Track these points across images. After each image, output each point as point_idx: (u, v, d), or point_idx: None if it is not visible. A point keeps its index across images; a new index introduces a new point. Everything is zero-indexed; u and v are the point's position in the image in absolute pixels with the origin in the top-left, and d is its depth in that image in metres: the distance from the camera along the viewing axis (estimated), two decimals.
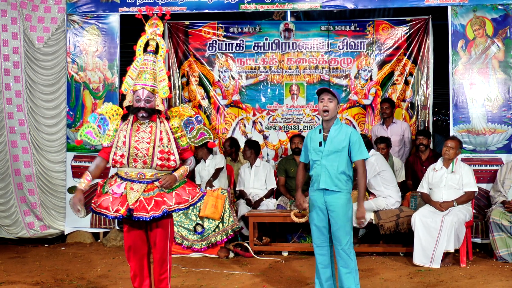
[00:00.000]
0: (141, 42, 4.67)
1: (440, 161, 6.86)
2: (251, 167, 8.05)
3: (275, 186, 8.02)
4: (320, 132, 4.93)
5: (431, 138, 7.97)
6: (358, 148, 4.85)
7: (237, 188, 8.16)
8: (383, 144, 7.59)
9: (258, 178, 8.02)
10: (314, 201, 4.93)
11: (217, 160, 8.12)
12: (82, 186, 4.52)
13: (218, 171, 8.00)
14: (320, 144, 4.88)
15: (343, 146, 4.83)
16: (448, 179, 6.71)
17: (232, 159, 8.58)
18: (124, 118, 4.59)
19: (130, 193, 4.45)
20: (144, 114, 4.47)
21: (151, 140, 4.47)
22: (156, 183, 4.51)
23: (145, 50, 4.66)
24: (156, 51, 4.67)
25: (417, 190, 7.03)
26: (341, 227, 4.81)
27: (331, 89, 4.91)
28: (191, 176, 8.32)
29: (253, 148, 8.09)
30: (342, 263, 4.84)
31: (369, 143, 7.25)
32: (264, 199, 7.84)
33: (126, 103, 4.59)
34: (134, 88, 4.51)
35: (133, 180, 4.49)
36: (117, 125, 4.57)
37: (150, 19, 4.69)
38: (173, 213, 4.67)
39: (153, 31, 4.67)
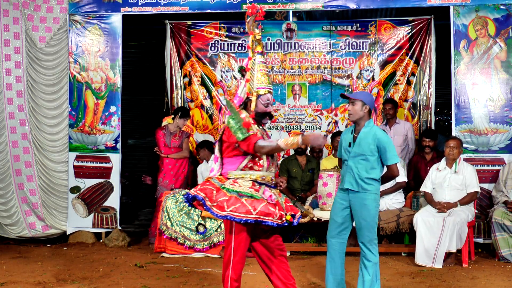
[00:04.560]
0: (250, 43, 4.53)
1: (443, 161, 6.86)
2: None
3: None
4: (351, 133, 4.99)
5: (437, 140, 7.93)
6: (387, 153, 4.86)
7: None
8: None
9: None
10: (339, 198, 5.02)
11: None
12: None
13: None
14: (349, 145, 4.94)
15: (370, 149, 4.85)
16: (451, 180, 6.72)
17: None
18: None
19: (278, 198, 4.36)
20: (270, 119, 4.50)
21: None
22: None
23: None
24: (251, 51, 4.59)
25: (420, 189, 7.03)
26: (364, 227, 4.90)
27: (352, 94, 4.97)
28: (193, 176, 8.34)
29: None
30: (364, 259, 4.93)
31: None
32: None
33: (253, 107, 4.41)
34: (261, 91, 4.40)
35: (267, 185, 4.41)
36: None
37: (251, 19, 4.54)
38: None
39: (259, 31, 4.55)
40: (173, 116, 8.08)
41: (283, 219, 4.23)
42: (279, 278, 4.53)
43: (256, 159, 4.34)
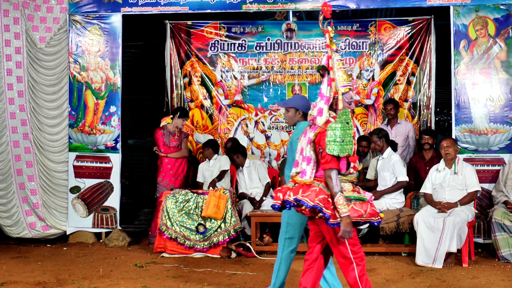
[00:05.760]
0: (328, 41, 4.43)
1: (442, 162, 6.87)
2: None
3: (269, 180, 8.05)
4: None
5: (436, 138, 7.94)
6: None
7: (239, 191, 8.17)
8: (365, 142, 7.91)
9: (252, 178, 8.07)
10: None
11: (222, 162, 8.12)
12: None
13: (223, 173, 8.03)
14: None
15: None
16: (451, 180, 6.72)
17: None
18: None
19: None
20: None
21: None
22: None
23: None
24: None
25: (421, 191, 7.03)
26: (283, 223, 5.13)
27: (285, 102, 5.17)
28: (193, 175, 8.35)
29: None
30: None
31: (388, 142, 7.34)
32: (264, 198, 7.84)
33: (340, 106, 4.29)
34: (344, 89, 4.31)
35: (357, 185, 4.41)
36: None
37: (322, 17, 4.37)
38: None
39: (332, 29, 4.43)
40: (171, 116, 8.08)
41: (378, 217, 4.28)
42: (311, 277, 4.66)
43: (352, 163, 4.27)
